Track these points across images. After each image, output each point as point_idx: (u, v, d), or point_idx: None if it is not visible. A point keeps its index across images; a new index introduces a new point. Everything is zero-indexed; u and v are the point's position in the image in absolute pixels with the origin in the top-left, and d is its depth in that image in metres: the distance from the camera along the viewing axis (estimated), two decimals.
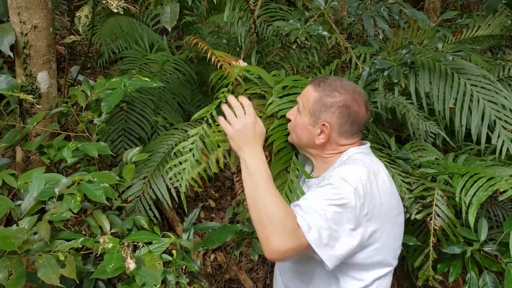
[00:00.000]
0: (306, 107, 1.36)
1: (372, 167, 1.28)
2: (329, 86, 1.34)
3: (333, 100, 1.32)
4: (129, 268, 1.20)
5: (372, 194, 1.21)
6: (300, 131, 1.38)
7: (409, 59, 1.88)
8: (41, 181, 1.40)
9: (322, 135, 1.33)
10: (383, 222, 1.24)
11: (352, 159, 1.31)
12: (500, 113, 1.93)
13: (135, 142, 2.30)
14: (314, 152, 1.40)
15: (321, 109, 1.33)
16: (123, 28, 3.08)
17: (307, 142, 1.38)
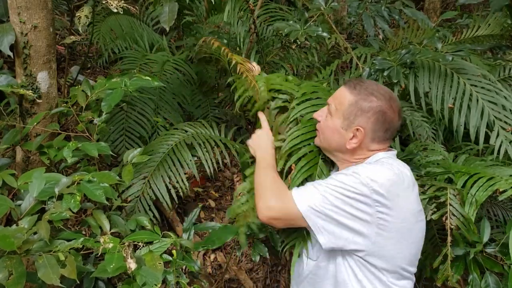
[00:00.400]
0: (340, 110, 1.32)
1: (398, 170, 1.25)
2: (365, 89, 1.31)
3: (370, 104, 1.29)
4: (130, 268, 1.20)
5: (394, 198, 1.19)
6: (330, 134, 1.35)
7: (409, 59, 1.89)
8: (41, 181, 1.40)
9: (355, 139, 1.30)
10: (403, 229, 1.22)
11: (380, 161, 1.29)
12: (500, 114, 1.93)
13: (135, 141, 2.30)
14: (341, 156, 1.37)
15: (356, 113, 1.29)
16: (123, 28, 3.07)
17: (336, 145, 1.35)
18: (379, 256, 1.21)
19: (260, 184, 1.37)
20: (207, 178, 2.49)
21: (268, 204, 1.29)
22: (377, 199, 1.18)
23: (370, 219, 1.19)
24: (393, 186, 1.20)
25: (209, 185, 2.52)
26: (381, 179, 1.19)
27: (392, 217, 1.19)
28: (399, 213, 1.20)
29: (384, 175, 1.20)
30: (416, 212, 1.26)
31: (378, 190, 1.17)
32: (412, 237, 1.26)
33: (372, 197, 1.18)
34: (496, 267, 1.55)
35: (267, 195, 1.31)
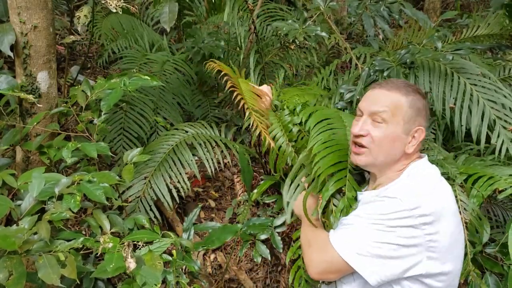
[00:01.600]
0: (399, 115, 1.23)
1: (437, 181, 1.21)
2: (407, 87, 1.26)
3: (422, 102, 1.26)
4: (129, 268, 1.20)
5: (437, 215, 1.12)
6: (390, 143, 1.23)
7: (409, 59, 1.88)
8: (41, 181, 1.40)
9: (414, 141, 1.24)
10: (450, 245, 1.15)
11: (418, 173, 1.23)
12: (500, 112, 1.92)
13: (134, 141, 2.30)
14: (387, 167, 1.27)
15: (416, 114, 1.24)
16: (124, 26, 3.07)
17: (394, 154, 1.25)
18: (432, 276, 1.15)
19: (303, 242, 1.35)
20: (207, 178, 2.49)
21: (312, 259, 1.25)
22: (424, 221, 1.11)
23: (419, 243, 1.12)
24: (438, 204, 1.14)
25: (209, 185, 2.51)
26: (425, 200, 1.12)
27: (440, 235, 1.13)
28: (446, 230, 1.14)
29: (428, 194, 1.14)
30: (459, 221, 1.21)
31: (423, 213, 1.11)
32: (458, 249, 1.21)
33: (418, 220, 1.11)
34: (496, 267, 1.54)
35: (310, 251, 1.28)
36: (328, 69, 2.32)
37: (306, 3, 2.96)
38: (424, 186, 1.17)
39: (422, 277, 1.15)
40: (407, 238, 1.11)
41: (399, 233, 1.11)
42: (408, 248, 1.12)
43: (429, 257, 1.13)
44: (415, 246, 1.12)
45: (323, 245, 1.23)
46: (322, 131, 1.47)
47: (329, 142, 1.43)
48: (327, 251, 1.21)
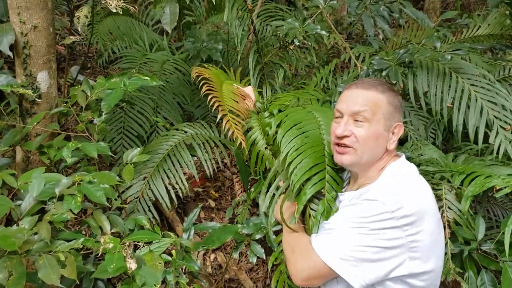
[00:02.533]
0: (378, 113, 1.25)
1: (417, 181, 1.22)
2: (385, 85, 1.30)
3: (398, 98, 1.30)
4: (130, 268, 1.20)
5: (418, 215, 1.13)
6: (374, 141, 1.25)
7: (407, 58, 1.88)
8: (41, 181, 1.40)
9: (394, 137, 1.27)
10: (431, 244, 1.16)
11: (396, 174, 1.24)
12: (499, 113, 1.92)
13: (134, 141, 2.30)
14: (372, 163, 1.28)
15: (394, 110, 1.27)
16: (121, 28, 3.07)
17: (378, 152, 1.27)
18: (415, 276, 1.16)
19: (285, 248, 1.34)
20: (207, 178, 2.49)
21: (296, 267, 1.24)
22: (406, 222, 1.12)
23: (401, 244, 1.12)
24: (418, 204, 1.15)
25: (209, 185, 2.52)
26: (405, 200, 1.13)
27: (421, 235, 1.14)
28: (427, 229, 1.15)
29: (407, 193, 1.15)
30: (438, 220, 1.22)
31: (405, 214, 1.11)
32: (439, 248, 1.21)
33: (400, 222, 1.11)
34: (492, 265, 1.55)
35: (293, 257, 1.27)
36: (327, 68, 2.32)
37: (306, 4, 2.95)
38: (404, 187, 1.18)
39: (405, 277, 1.16)
40: (390, 240, 1.12)
41: (382, 236, 1.12)
42: (391, 250, 1.13)
43: (411, 258, 1.14)
44: (398, 248, 1.12)
45: (305, 251, 1.23)
46: (293, 137, 1.45)
47: (302, 147, 1.42)
48: (310, 257, 1.20)
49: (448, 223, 1.58)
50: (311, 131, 1.50)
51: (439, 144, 2.13)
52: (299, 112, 1.61)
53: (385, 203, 1.13)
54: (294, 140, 1.44)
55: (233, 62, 2.69)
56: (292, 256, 1.27)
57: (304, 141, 1.45)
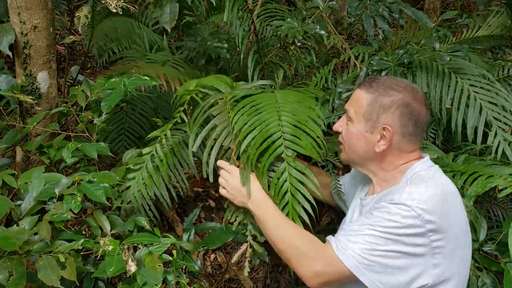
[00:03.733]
0: (359, 113, 1.22)
1: (443, 184, 1.17)
2: (382, 84, 1.21)
3: (391, 99, 1.19)
4: (130, 271, 1.20)
5: (443, 219, 1.10)
6: (355, 141, 1.24)
7: (407, 59, 1.88)
8: (41, 181, 1.40)
9: (383, 140, 1.21)
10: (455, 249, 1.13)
11: (419, 176, 1.18)
12: (499, 114, 1.92)
13: (135, 141, 2.30)
14: (372, 165, 1.26)
15: (378, 111, 1.20)
16: (119, 30, 3.05)
17: (364, 153, 1.24)
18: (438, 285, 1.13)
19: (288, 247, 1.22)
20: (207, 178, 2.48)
21: (314, 270, 1.16)
22: (430, 228, 1.08)
23: (425, 251, 1.09)
24: (443, 207, 1.11)
25: (209, 185, 2.52)
26: (431, 204, 1.09)
27: (445, 241, 1.11)
28: (451, 233, 1.12)
29: (433, 198, 1.10)
30: (465, 224, 1.18)
31: (430, 219, 1.08)
32: (465, 254, 1.18)
33: (425, 227, 1.08)
34: (494, 266, 1.55)
35: (307, 260, 1.18)
36: (327, 68, 2.32)
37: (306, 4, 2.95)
38: (429, 190, 1.13)
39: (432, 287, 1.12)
40: (414, 246, 1.08)
41: (406, 241, 1.08)
42: (415, 257, 1.09)
43: (435, 265, 1.10)
44: (422, 255, 1.09)
45: (324, 255, 1.16)
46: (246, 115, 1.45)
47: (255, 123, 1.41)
48: (331, 262, 1.14)
49: None
50: (266, 107, 1.48)
51: (439, 144, 2.13)
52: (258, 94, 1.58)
53: (410, 208, 1.08)
54: (246, 118, 1.43)
55: (233, 62, 2.69)
56: (304, 258, 1.19)
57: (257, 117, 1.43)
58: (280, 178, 1.36)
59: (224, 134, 1.50)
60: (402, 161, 1.24)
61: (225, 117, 1.52)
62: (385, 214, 1.11)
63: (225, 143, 1.49)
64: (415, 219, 1.08)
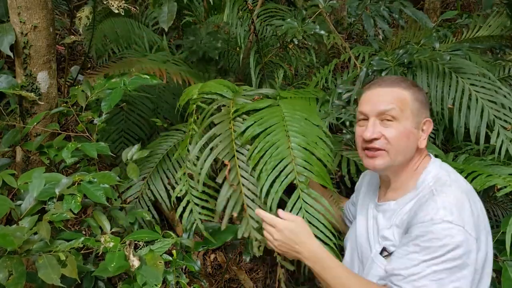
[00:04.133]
0: (406, 110, 1.19)
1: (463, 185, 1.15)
2: (406, 81, 1.24)
3: (423, 93, 1.24)
4: (133, 266, 1.20)
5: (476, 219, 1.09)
6: (405, 140, 1.19)
7: (407, 59, 1.88)
8: (41, 181, 1.40)
9: (424, 134, 1.21)
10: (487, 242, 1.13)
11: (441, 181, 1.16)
12: (500, 112, 1.92)
13: (134, 142, 2.31)
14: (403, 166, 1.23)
15: (420, 106, 1.21)
16: (118, 31, 3.04)
17: (410, 151, 1.21)
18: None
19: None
20: None
21: None
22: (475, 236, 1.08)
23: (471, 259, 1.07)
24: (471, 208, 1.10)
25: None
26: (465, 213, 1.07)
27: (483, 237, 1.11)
28: (483, 229, 1.12)
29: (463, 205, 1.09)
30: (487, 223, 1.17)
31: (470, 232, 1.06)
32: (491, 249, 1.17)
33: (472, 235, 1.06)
34: None
35: None
36: (327, 68, 2.32)
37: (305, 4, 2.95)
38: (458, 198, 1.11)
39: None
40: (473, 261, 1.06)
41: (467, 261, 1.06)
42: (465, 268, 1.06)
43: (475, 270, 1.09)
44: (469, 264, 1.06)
45: None
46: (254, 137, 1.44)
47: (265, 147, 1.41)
48: None
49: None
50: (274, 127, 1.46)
51: (439, 144, 2.13)
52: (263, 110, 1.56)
53: (453, 224, 1.05)
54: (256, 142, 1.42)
55: (233, 62, 2.69)
56: None
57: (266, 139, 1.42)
58: (293, 207, 1.34)
59: (222, 146, 1.47)
60: (420, 160, 1.23)
61: (226, 128, 1.50)
62: (435, 241, 1.06)
63: (220, 156, 1.46)
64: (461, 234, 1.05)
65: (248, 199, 1.41)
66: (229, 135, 1.48)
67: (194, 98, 1.61)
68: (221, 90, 1.63)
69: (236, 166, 1.44)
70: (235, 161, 1.45)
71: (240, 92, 1.66)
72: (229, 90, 1.64)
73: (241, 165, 1.44)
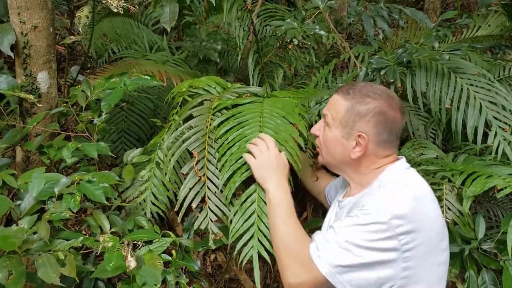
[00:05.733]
0: (337, 119, 1.24)
1: (415, 188, 1.17)
2: (359, 92, 1.23)
3: (367, 107, 1.21)
4: (129, 267, 1.20)
5: (414, 223, 1.09)
6: (332, 146, 1.26)
7: (406, 58, 1.88)
8: (41, 181, 1.40)
9: (358, 147, 1.22)
10: (427, 253, 1.12)
11: (391, 180, 1.19)
12: (500, 114, 1.92)
13: (134, 142, 2.31)
14: (349, 170, 1.28)
15: (354, 118, 1.22)
16: (118, 31, 3.04)
17: (341, 158, 1.26)
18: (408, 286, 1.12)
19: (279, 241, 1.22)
20: None
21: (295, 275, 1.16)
22: (401, 232, 1.08)
23: (397, 255, 1.09)
24: (414, 211, 1.11)
25: None
26: (401, 208, 1.09)
27: (417, 244, 1.10)
28: (422, 238, 1.11)
29: (403, 202, 1.11)
30: (440, 228, 1.17)
31: (400, 223, 1.08)
32: (439, 258, 1.17)
33: (396, 231, 1.08)
34: (493, 264, 1.55)
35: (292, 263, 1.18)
36: (327, 68, 2.32)
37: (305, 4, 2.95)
38: (400, 195, 1.13)
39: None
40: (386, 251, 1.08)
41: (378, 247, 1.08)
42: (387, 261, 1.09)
43: (404, 268, 1.10)
44: (394, 259, 1.09)
45: (306, 262, 1.16)
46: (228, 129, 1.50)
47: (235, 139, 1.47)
48: (311, 271, 1.14)
49: (447, 224, 1.57)
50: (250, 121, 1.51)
51: (439, 144, 2.13)
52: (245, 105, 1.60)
53: (380, 212, 1.09)
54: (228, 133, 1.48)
55: (233, 62, 2.69)
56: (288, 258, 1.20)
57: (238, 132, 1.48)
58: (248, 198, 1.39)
59: (194, 138, 1.53)
60: (377, 165, 1.25)
61: (202, 121, 1.55)
62: (357, 220, 1.11)
63: (190, 148, 1.52)
64: (385, 224, 1.07)
65: (210, 192, 1.47)
66: (205, 128, 1.54)
67: (182, 91, 1.66)
68: (209, 86, 1.65)
69: (205, 158, 1.50)
70: (205, 154, 1.51)
71: (229, 89, 1.69)
72: (218, 86, 1.66)
73: (210, 158, 1.51)
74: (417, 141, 1.99)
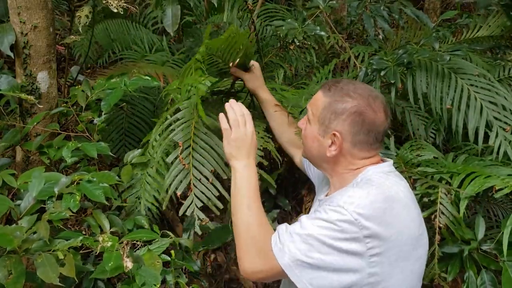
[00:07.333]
0: (315, 115, 1.22)
1: (390, 191, 1.11)
2: (340, 90, 1.19)
3: (344, 106, 1.16)
4: (127, 267, 1.20)
5: (382, 226, 1.04)
6: (310, 142, 1.24)
7: (406, 59, 1.87)
8: (41, 181, 1.40)
9: (333, 146, 1.18)
10: (397, 260, 1.07)
11: (367, 180, 1.15)
12: (500, 114, 1.91)
13: (134, 143, 2.31)
14: (327, 167, 1.25)
15: (330, 116, 1.18)
16: (112, 35, 3.01)
17: (317, 154, 1.24)
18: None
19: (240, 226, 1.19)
20: None
21: (252, 262, 1.14)
22: (367, 234, 1.03)
23: (361, 258, 1.04)
24: (385, 214, 1.05)
25: None
26: (369, 209, 1.04)
27: (385, 250, 1.04)
28: (393, 243, 1.05)
29: (374, 203, 1.05)
30: (415, 237, 1.11)
31: (367, 225, 1.02)
32: (411, 266, 1.11)
33: (361, 233, 1.02)
34: (492, 265, 1.55)
35: (252, 250, 1.15)
36: (327, 68, 2.32)
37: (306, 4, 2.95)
38: (372, 196, 1.07)
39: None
40: (349, 252, 1.04)
41: (341, 246, 1.04)
42: (350, 263, 1.04)
43: (370, 274, 1.05)
44: (358, 262, 1.04)
45: (265, 250, 1.12)
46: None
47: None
48: (268, 260, 1.11)
49: (439, 229, 1.57)
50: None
51: (440, 144, 2.13)
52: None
53: (347, 210, 1.04)
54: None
55: None
56: (249, 247, 1.16)
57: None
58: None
59: (179, 129, 1.62)
60: (356, 166, 1.21)
61: (188, 113, 1.63)
62: (324, 215, 1.07)
63: (176, 138, 1.61)
64: (351, 224, 1.03)
65: (196, 179, 1.55)
66: (191, 120, 1.62)
67: (173, 89, 1.71)
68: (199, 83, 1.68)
69: (190, 148, 1.59)
70: (191, 143, 1.60)
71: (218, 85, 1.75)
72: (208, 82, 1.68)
73: (195, 147, 1.59)
74: (415, 142, 1.99)
